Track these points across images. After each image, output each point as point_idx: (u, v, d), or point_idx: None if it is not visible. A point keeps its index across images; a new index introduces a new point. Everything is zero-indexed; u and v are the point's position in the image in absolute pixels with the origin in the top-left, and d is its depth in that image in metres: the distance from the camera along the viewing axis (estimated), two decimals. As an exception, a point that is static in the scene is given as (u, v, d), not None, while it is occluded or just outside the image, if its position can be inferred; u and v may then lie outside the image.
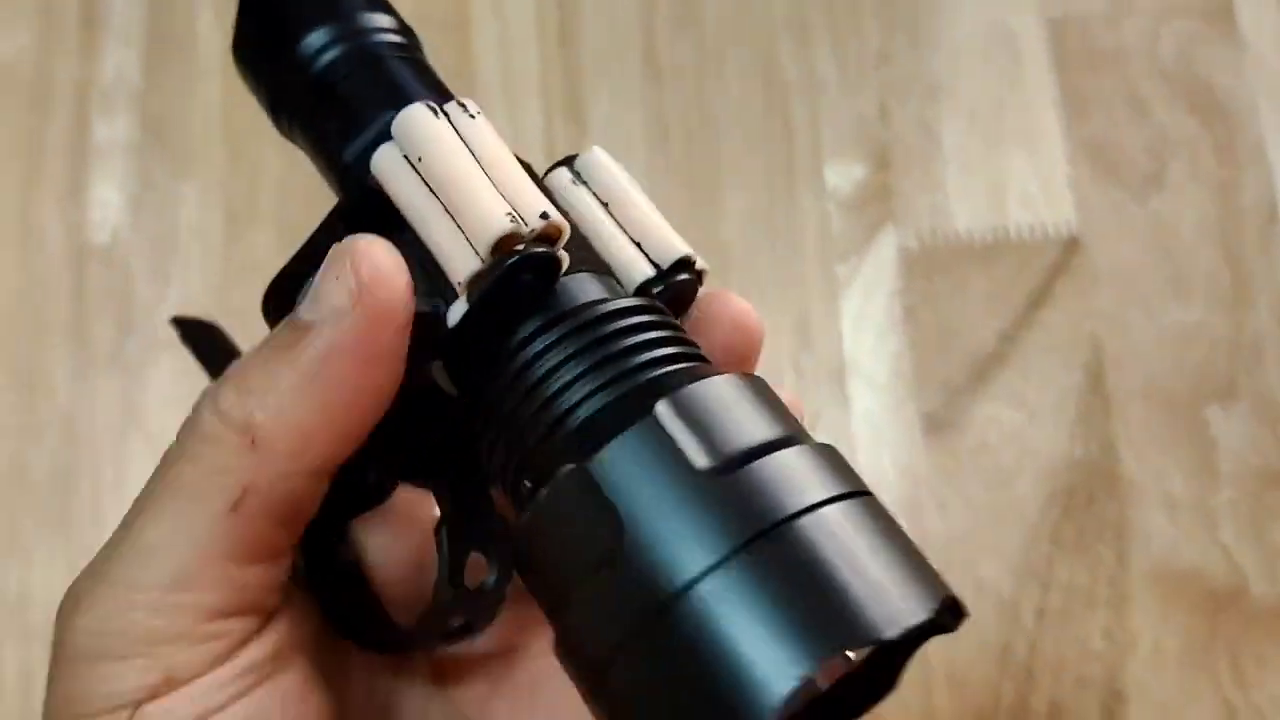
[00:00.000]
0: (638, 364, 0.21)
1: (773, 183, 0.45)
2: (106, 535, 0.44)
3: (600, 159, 0.25)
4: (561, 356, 0.21)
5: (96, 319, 0.46)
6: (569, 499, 0.20)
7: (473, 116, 0.22)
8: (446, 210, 0.22)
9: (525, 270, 0.22)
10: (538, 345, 0.22)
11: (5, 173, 0.49)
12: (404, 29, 0.26)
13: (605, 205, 0.25)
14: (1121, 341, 0.42)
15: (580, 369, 0.21)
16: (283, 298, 0.22)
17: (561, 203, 0.24)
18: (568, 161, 0.25)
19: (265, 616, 0.22)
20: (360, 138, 0.24)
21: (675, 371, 0.21)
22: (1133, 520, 0.40)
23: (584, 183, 0.25)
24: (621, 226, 0.24)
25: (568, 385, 0.21)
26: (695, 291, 0.25)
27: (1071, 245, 0.43)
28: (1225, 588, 0.39)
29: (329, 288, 0.21)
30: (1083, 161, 0.44)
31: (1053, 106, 0.45)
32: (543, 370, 0.21)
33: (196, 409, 0.22)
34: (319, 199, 0.25)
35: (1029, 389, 0.42)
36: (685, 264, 0.24)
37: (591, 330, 0.22)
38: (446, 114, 0.23)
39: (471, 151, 0.22)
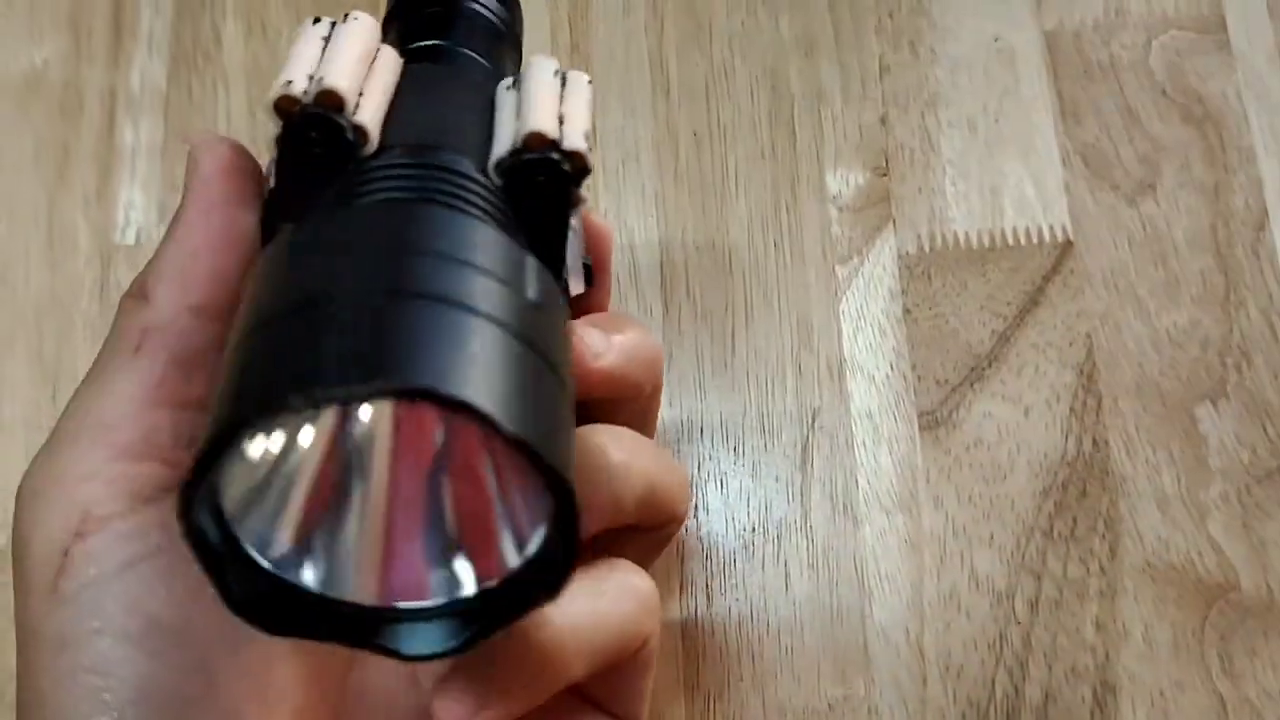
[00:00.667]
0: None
1: (777, 189, 0.47)
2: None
3: (541, 61, 0.28)
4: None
5: (121, 316, 0.48)
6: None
7: (349, 21, 0.27)
8: None
9: (308, 131, 0.25)
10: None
11: (35, 176, 0.50)
12: None
13: (516, 88, 0.27)
14: (1114, 341, 0.43)
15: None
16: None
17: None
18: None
19: (177, 470, 0.24)
20: None
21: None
22: (1125, 514, 0.41)
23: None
24: (517, 111, 0.27)
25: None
26: (565, 180, 0.26)
27: (1066, 248, 0.44)
28: (1215, 581, 0.40)
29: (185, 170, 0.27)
30: (1077, 168, 0.45)
31: (1048, 115, 0.46)
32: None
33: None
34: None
35: (1024, 387, 0.43)
36: (539, 144, 0.25)
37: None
38: (331, 23, 0.27)
39: (325, 43, 0.26)
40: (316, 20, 0.27)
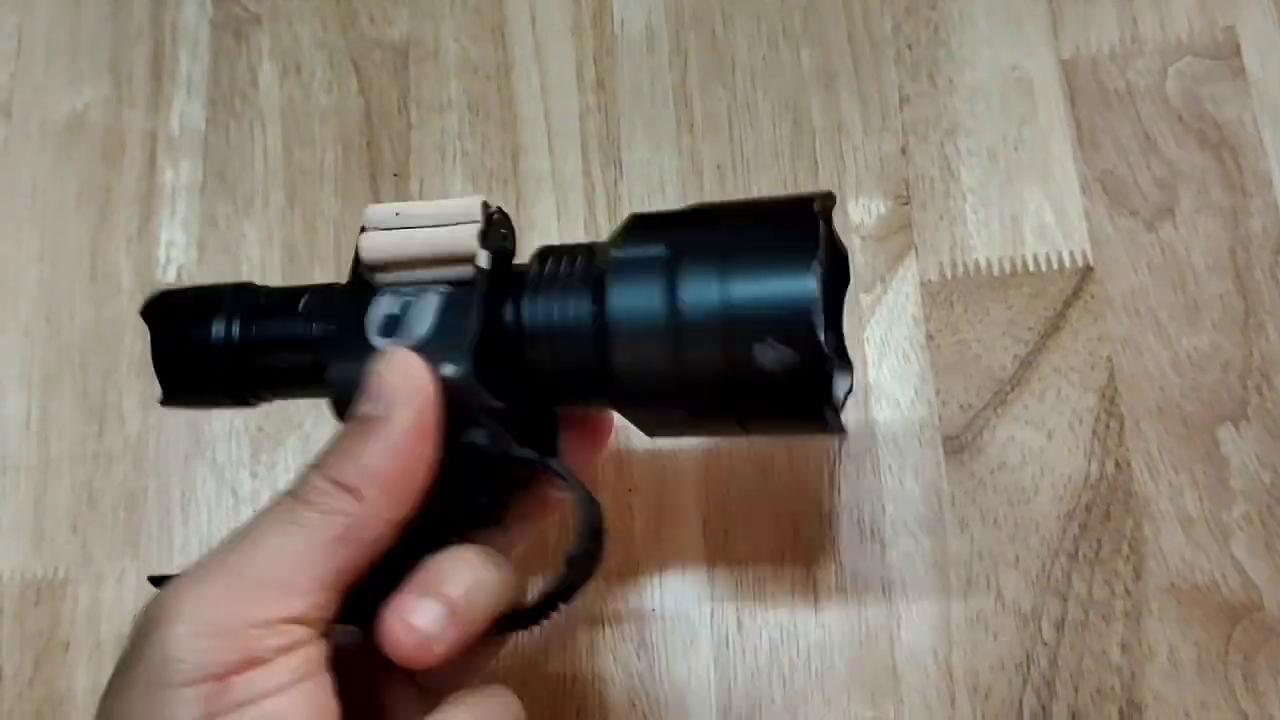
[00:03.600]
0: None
1: (799, 218, 0.48)
2: (174, 556, 0.47)
3: (382, 209, 0.33)
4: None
5: (164, 352, 0.49)
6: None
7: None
8: (431, 226, 0.32)
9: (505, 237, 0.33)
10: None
11: (79, 216, 0.52)
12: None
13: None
14: (1135, 364, 0.44)
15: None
16: None
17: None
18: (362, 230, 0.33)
19: (317, 630, 0.28)
20: (316, 316, 0.34)
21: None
22: (1149, 536, 0.42)
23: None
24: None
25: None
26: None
27: (1086, 274, 0.45)
28: (1239, 601, 0.41)
29: (389, 385, 0.29)
30: (1096, 194, 0.46)
31: (1066, 143, 0.47)
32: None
33: (304, 476, 0.29)
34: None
35: (1046, 411, 0.44)
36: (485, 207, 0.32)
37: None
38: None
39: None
40: None
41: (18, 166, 0.53)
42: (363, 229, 0.32)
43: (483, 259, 0.31)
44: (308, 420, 0.47)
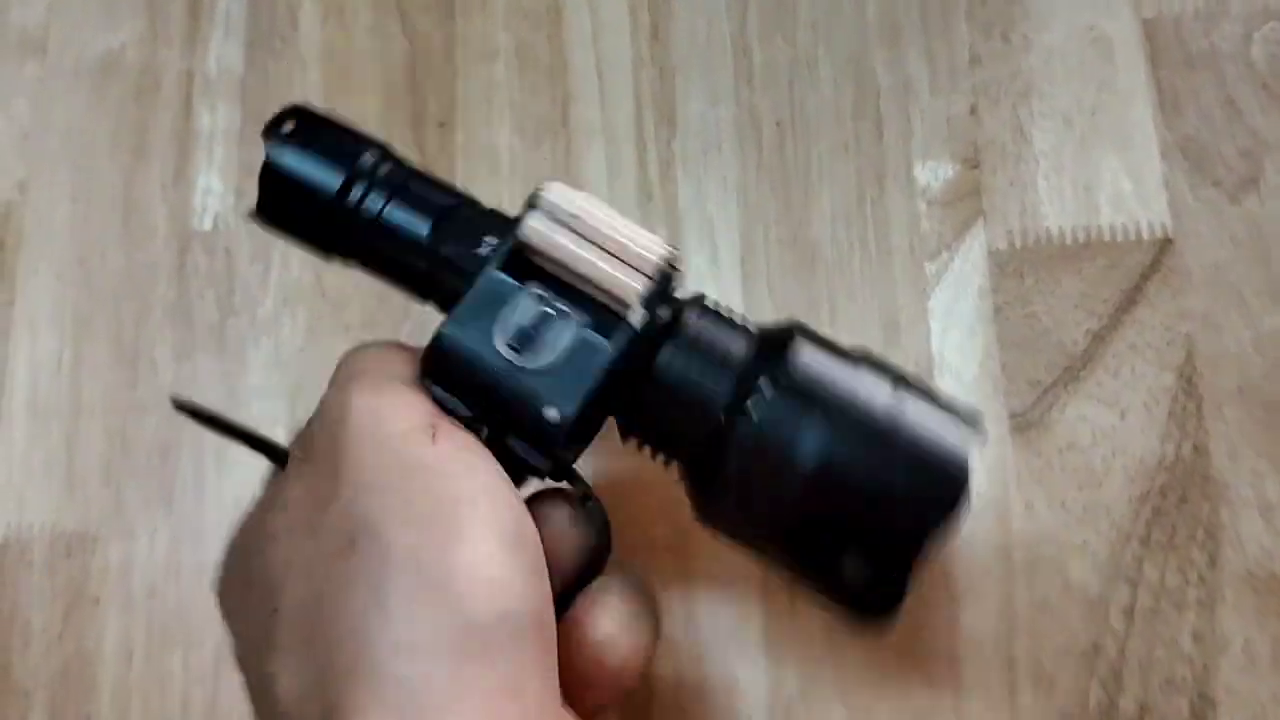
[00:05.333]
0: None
1: (863, 181, 0.45)
2: (206, 510, 0.46)
3: (565, 195, 0.31)
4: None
5: (198, 302, 0.48)
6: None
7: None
8: (604, 250, 0.30)
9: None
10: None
11: (113, 158, 0.50)
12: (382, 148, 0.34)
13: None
14: (1215, 343, 0.41)
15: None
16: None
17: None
18: (532, 203, 0.31)
19: None
20: (450, 233, 0.32)
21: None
22: (1225, 522, 0.40)
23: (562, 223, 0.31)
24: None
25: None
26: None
27: (1164, 246, 0.43)
28: (1319, 594, 0.39)
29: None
30: (1176, 162, 0.44)
31: (1146, 107, 0.44)
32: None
33: None
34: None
35: (1120, 389, 0.41)
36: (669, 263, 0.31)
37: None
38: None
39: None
40: None
41: (52, 104, 0.52)
42: (533, 205, 0.31)
43: (636, 318, 0.30)
44: (346, 376, 0.46)
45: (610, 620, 0.29)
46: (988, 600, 0.40)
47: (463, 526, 0.26)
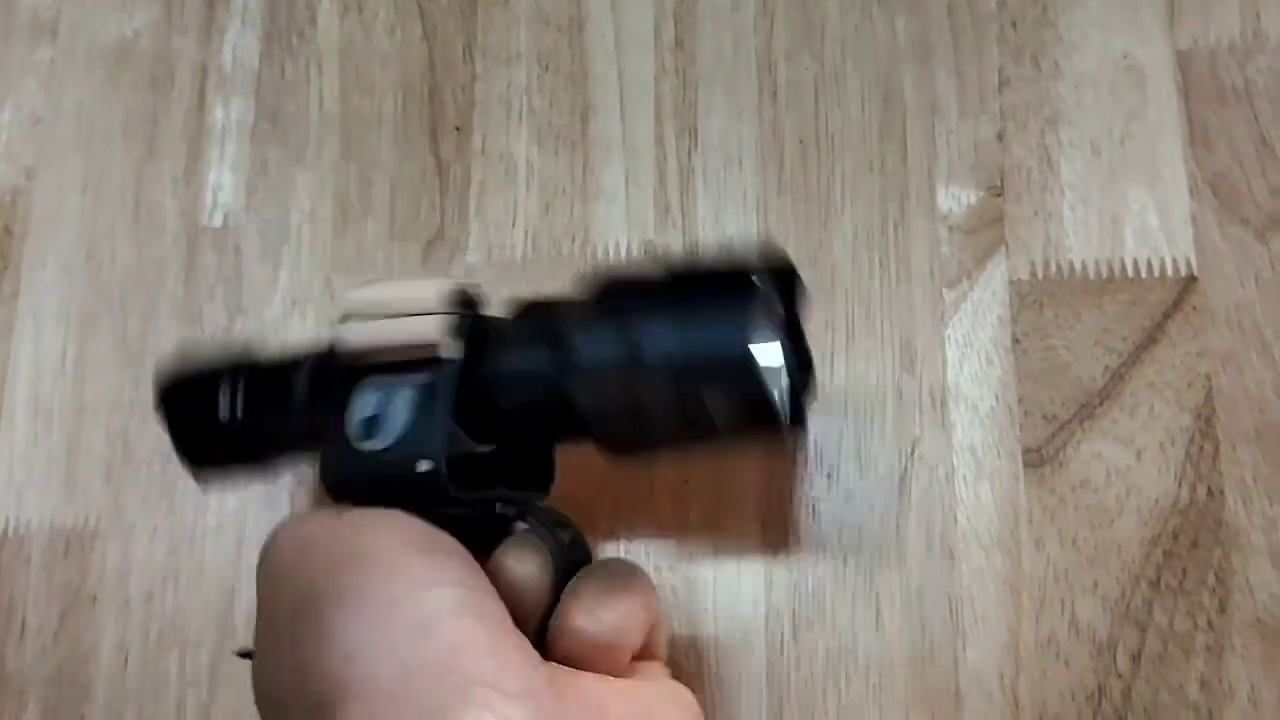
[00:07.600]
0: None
1: (886, 204, 0.45)
2: (208, 514, 0.45)
3: (355, 296, 0.33)
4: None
5: (207, 300, 0.47)
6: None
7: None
8: (396, 314, 0.32)
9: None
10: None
11: (125, 150, 0.49)
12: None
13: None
14: (1236, 385, 0.41)
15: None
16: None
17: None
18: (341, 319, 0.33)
19: None
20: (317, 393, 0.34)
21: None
22: (1237, 568, 0.39)
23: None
24: None
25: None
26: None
27: (1189, 283, 0.42)
28: (1330, 645, 0.38)
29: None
30: (1205, 198, 0.43)
31: (1176, 140, 0.44)
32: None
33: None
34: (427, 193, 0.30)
35: (1137, 428, 0.41)
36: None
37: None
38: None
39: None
40: None
41: (63, 90, 0.51)
42: (342, 318, 0.33)
43: (451, 349, 0.32)
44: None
45: (580, 611, 0.31)
46: (994, 638, 0.40)
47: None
